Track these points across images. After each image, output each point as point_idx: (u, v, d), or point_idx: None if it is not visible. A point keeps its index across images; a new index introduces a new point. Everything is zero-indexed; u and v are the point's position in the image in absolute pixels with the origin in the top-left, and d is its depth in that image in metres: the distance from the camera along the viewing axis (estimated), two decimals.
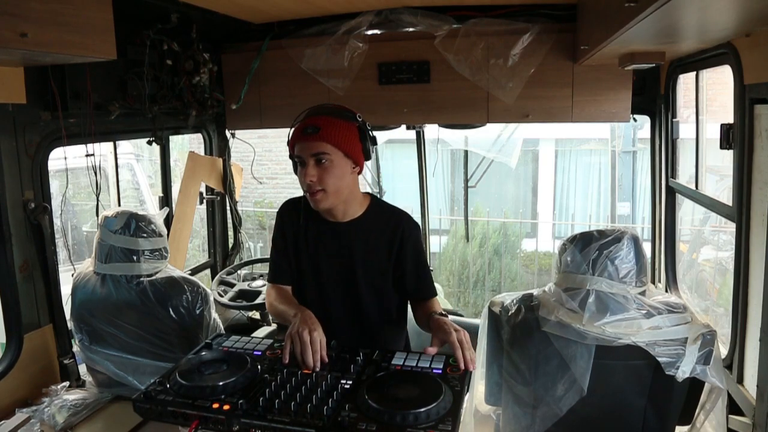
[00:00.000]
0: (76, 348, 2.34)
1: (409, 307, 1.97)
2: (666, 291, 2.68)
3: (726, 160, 2.13)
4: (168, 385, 1.47)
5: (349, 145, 1.71)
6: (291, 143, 1.75)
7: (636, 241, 1.71)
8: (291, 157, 1.78)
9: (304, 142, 1.70)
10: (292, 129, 1.76)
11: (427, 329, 1.72)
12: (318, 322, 1.60)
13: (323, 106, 1.78)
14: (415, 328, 1.96)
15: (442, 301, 3.11)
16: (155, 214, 2.36)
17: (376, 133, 1.84)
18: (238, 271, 3.30)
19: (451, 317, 1.72)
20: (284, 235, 1.90)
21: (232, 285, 3.14)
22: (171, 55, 2.62)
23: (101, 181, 2.47)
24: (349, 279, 1.84)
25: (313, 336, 1.54)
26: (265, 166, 8.91)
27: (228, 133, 3.29)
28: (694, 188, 2.41)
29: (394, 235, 1.83)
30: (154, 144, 2.76)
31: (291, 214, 1.90)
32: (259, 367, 1.55)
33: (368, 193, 1.92)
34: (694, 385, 1.70)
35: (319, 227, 1.85)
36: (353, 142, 1.72)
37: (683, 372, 1.61)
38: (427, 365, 1.55)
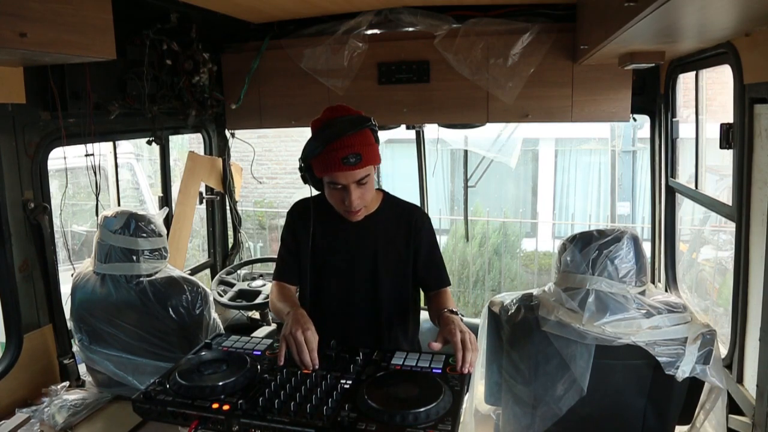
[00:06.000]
0: (75, 348, 2.33)
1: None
2: (666, 291, 2.67)
3: (726, 159, 2.13)
4: (168, 385, 1.47)
5: (378, 156, 1.73)
6: (325, 170, 1.68)
7: (636, 241, 1.71)
8: (311, 178, 1.75)
9: (347, 172, 1.66)
10: (320, 150, 1.66)
11: (438, 325, 1.72)
12: (310, 320, 1.61)
13: (346, 120, 1.68)
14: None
15: None
16: (155, 214, 2.36)
17: None
18: (238, 271, 3.30)
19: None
20: (296, 236, 1.91)
21: (231, 285, 3.14)
22: (171, 55, 2.62)
23: (101, 181, 2.47)
24: (372, 271, 1.87)
25: (306, 335, 1.54)
26: (264, 165, 8.91)
27: (228, 133, 3.28)
28: (693, 188, 2.41)
29: (409, 225, 1.88)
30: (153, 144, 2.76)
31: (303, 215, 1.90)
32: (258, 367, 1.55)
33: (378, 188, 1.94)
34: (694, 384, 1.70)
35: (338, 226, 1.86)
36: (377, 150, 1.74)
37: (683, 372, 1.61)
38: (427, 365, 1.55)
